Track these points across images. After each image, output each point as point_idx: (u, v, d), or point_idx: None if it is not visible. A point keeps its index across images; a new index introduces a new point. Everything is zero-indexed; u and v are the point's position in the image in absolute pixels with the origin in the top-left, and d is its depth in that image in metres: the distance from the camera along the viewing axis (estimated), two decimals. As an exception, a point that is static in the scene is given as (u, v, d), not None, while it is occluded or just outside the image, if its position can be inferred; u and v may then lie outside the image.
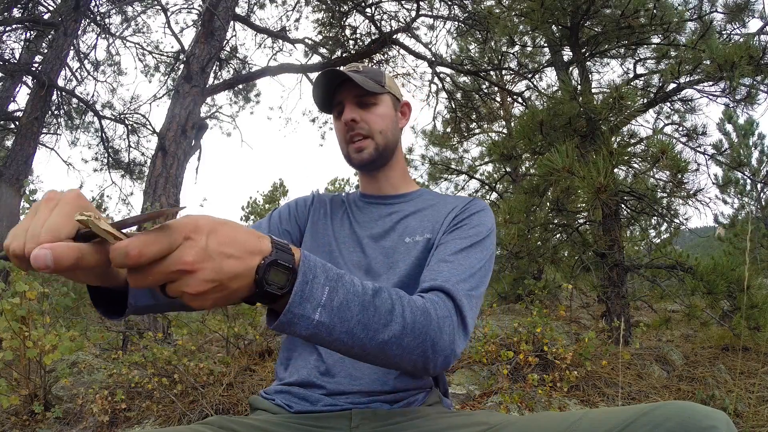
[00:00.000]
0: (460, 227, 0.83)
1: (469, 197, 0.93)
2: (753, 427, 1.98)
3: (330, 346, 0.55)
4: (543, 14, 3.51)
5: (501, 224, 3.46)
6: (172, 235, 0.41)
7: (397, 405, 0.77)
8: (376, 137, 0.91)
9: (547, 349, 2.49)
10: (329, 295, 0.51)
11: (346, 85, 0.91)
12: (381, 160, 0.94)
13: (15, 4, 6.28)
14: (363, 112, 0.91)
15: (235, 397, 2.34)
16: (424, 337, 0.60)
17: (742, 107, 3.44)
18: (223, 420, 0.70)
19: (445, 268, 0.73)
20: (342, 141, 0.94)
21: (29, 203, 2.59)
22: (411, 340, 0.59)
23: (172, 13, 6.50)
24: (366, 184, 1.00)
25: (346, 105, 0.92)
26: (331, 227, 0.95)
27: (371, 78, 0.92)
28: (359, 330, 0.54)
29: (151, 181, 4.71)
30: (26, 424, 2.17)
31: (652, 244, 5.34)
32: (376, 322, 0.55)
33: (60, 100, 7.00)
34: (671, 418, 0.50)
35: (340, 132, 0.94)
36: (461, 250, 0.77)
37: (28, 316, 2.14)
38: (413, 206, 0.94)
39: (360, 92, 0.91)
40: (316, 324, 0.51)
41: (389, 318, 0.57)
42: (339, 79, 0.90)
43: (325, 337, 0.53)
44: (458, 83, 7.44)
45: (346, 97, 0.91)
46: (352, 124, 0.90)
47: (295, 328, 0.50)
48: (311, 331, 0.51)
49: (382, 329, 0.56)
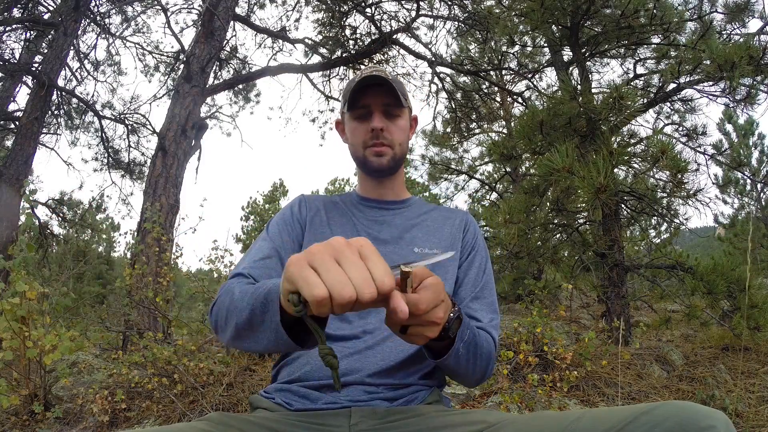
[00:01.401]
0: (475, 254, 0.97)
1: (464, 212, 1.04)
2: (753, 427, 1.98)
3: (451, 369, 0.75)
4: (543, 14, 3.51)
5: (501, 224, 3.46)
6: (439, 296, 0.56)
7: (397, 402, 0.77)
8: (395, 148, 0.97)
9: (547, 349, 2.49)
10: (468, 337, 0.71)
11: (376, 90, 0.93)
12: (394, 169, 0.99)
13: (15, 4, 6.28)
14: (388, 122, 0.95)
15: (235, 397, 2.34)
16: (488, 363, 0.82)
17: (742, 107, 3.44)
18: (223, 417, 0.71)
19: (478, 306, 0.90)
20: (359, 143, 0.97)
21: (29, 203, 2.59)
22: (486, 365, 0.81)
23: (172, 13, 6.50)
24: (370, 188, 1.03)
25: (375, 112, 0.94)
26: (329, 228, 0.96)
27: (399, 89, 0.94)
28: (472, 359, 0.75)
29: (151, 181, 4.71)
30: (26, 424, 2.17)
31: (652, 244, 5.34)
32: (480, 355, 0.77)
33: (60, 100, 7.00)
34: (670, 418, 0.50)
35: (359, 134, 0.96)
36: (486, 285, 0.94)
37: (28, 316, 2.14)
38: (413, 213, 1.01)
39: (390, 102, 0.94)
40: (459, 355, 0.71)
41: (488, 356, 0.80)
42: (374, 82, 0.92)
43: (454, 363, 0.72)
44: (458, 83, 7.44)
45: (376, 103, 0.94)
46: (378, 132, 0.94)
47: (450, 358, 0.70)
48: (453, 360, 0.71)
49: (481, 360, 0.78)
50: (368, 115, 0.95)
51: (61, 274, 5.70)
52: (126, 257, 4.93)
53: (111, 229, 13.17)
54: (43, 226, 6.80)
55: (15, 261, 2.19)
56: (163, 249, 3.63)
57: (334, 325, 0.83)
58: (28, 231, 2.38)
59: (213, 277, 3.30)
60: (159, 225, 3.66)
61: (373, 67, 1.00)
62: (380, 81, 0.92)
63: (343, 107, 0.99)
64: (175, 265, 3.78)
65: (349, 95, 0.94)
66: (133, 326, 3.22)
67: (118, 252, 13.59)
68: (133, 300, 3.07)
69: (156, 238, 3.41)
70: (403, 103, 0.94)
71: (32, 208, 5.48)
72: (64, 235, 8.78)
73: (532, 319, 2.60)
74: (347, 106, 0.95)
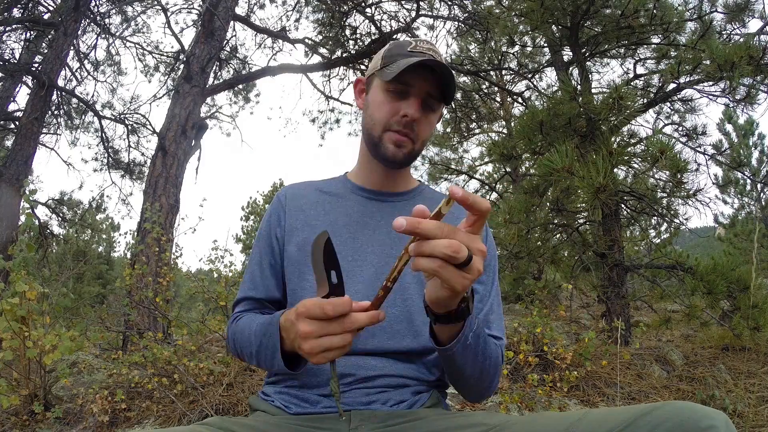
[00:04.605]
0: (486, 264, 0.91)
1: None
2: (753, 427, 1.98)
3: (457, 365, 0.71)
4: (543, 14, 3.51)
5: (501, 224, 3.45)
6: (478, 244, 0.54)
7: (397, 406, 0.77)
8: (417, 144, 0.87)
9: (547, 349, 2.49)
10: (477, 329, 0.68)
11: (426, 74, 0.81)
12: (405, 164, 0.90)
13: (15, 4, 6.28)
14: (422, 114, 0.84)
15: (235, 397, 2.34)
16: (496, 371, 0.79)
17: (742, 107, 3.44)
18: (222, 421, 0.70)
19: (492, 318, 0.86)
20: (381, 121, 0.85)
21: (29, 203, 2.59)
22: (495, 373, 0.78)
23: (172, 13, 6.49)
24: (376, 178, 0.93)
25: (414, 98, 0.82)
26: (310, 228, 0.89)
27: (452, 85, 0.83)
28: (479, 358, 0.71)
29: (151, 181, 4.71)
30: (26, 424, 2.17)
31: (652, 244, 5.33)
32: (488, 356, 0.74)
33: (60, 100, 7.00)
34: (670, 419, 0.50)
35: (385, 112, 0.84)
36: (496, 293, 0.90)
37: (28, 316, 2.14)
38: (421, 199, 0.93)
39: (435, 93, 0.83)
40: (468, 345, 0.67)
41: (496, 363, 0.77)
42: (431, 64, 0.80)
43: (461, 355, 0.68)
44: (458, 83, 7.44)
45: (421, 87, 0.82)
46: (410, 121, 0.83)
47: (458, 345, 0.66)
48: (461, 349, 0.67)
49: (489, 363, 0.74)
50: (404, 95, 0.83)
51: (61, 274, 5.70)
52: (126, 257, 4.93)
53: (111, 229, 13.18)
54: (43, 226, 6.79)
55: (15, 261, 2.18)
56: (163, 249, 3.63)
57: None
58: (28, 231, 2.37)
59: (213, 277, 3.30)
60: (159, 225, 3.66)
61: (428, 43, 0.85)
62: (437, 65, 0.79)
63: (379, 70, 0.85)
64: (175, 265, 3.78)
65: (395, 66, 0.80)
66: (133, 326, 3.22)
67: (118, 252, 13.61)
68: (133, 300, 3.07)
69: (156, 238, 3.41)
70: (448, 100, 0.84)
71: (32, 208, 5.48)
72: (64, 235, 8.79)
73: (532, 319, 2.60)
74: (387, 74, 0.81)
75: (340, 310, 0.58)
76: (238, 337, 0.83)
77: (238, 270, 3.12)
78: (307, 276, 0.84)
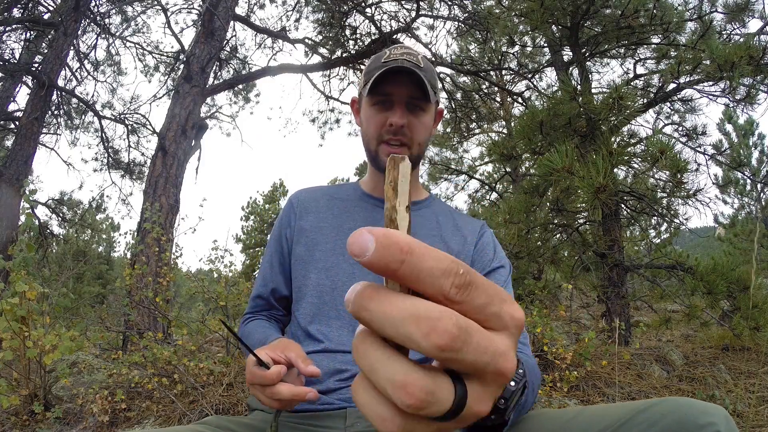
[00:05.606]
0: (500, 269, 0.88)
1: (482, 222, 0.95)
2: (753, 427, 1.98)
3: None
4: (543, 14, 3.51)
5: (501, 224, 3.45)
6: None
7: None
8: (413, 148, 0.86)
9: (547, 349, 2.49)
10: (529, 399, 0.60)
11: (402, 79, 0.81)
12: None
13: (15, 4, 6.28)
14: (411, 117, 0.84)
15: (235, 397, 2.34)
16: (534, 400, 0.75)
17: (742, 107, 3.44)
18: (221, 420, 0.71)
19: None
20: (373, 135, 0.86)
21: (29, 203, 2.59)
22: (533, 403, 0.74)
23: (172, 13, 6.50)
24: (379, 184, 0.93)
25: (397, 105, 0.83)
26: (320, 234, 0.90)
27: (430, 80, 0.82)
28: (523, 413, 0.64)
29: (151, 181, 4.71)
30: (26, 424, 2.17)
31: (652, 244, 5.33)
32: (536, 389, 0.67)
33: (60, 100, 7.00)
34: (668, 415, 0.50)
35: (375, 125, 0.85)
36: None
37: (28, 316, 2.14)
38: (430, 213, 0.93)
39: (416, 95, 0.83)
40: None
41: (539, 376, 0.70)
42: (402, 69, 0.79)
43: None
44: (458, 83, 7.44)
45: (400, 93, 0.82)
46: (398, 128, 0.83)
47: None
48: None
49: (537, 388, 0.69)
50: (389, 105, 0.84)
51: (61, 274, 5.70)
52: (126, 257, 4.93)
53: (111, 229, 13.17)
54: (43, 226, 6.79)
55: (15, 261, 2.19)
56: (163, 249, 3.64)
57: (336, 340, 0.81)
58: (28, 231, 2.37)
59: (213, 277, 3.30)
60: (159, 225, 3.66)
61: (404, 48, 0.85)
62: (409, 70, 0.79)
63: (363, 87, 0.86)
64: (174, 265, 3.78)
65: (371, 78, 0.81)
66: (133, 326, 3.22)
67: (118, 252, 13.61)
68: (133, 300, 3.07)
69: (156, 238, 3.41)
70: (431, 98, 0.82)
71: (32, 208, 5.48)
72: (64, 235, 8.79)
73: (532, 319, 2.60)
74: (367, 89, 0.82)
75: (258, 382, 0.64)
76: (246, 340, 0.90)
77: (238, 270, 3.12)
78: (310, 275, 0.87)
